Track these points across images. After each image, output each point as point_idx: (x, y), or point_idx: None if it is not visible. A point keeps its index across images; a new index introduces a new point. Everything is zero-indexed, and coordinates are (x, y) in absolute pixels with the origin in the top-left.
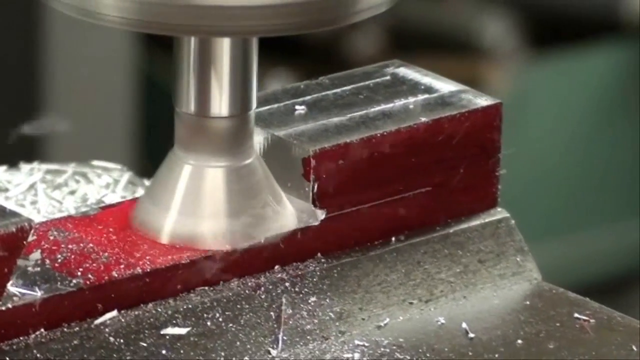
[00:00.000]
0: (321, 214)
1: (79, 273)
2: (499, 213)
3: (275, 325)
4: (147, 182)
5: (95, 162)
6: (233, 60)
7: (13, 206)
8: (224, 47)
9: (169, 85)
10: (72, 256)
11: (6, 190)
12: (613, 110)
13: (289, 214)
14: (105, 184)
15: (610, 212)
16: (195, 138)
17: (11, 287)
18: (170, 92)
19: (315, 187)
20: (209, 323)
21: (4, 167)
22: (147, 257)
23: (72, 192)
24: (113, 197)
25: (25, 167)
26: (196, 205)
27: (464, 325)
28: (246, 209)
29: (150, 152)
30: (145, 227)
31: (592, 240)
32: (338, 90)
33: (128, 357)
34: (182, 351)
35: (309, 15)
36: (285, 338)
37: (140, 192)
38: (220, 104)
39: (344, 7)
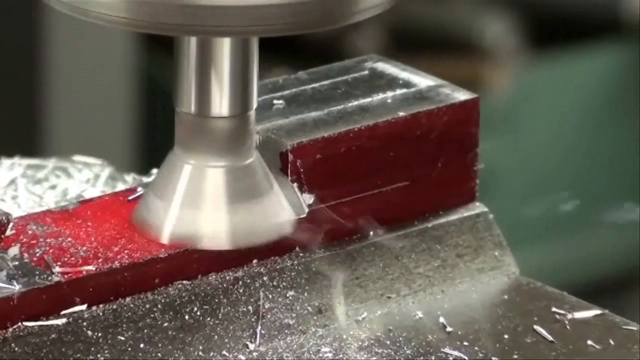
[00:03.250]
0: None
1: (57, 267)
2: (478, 207)
3: (253, 319)
4: (127, 178)
5: (76, 157)
6: (233, 60)
7: None
8: (224, 47)
9: (169, 85)
10: (51, 250)
11: None
12: (613, 110)
13: (289, 214)
14: (86, 179)
15: (611, 212)
16: (195, 138)
17: None
18: (170, 92)
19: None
20: (187, 317)
21: None
22: (125, 252)
23: (53, 187)
24: (93, 192)
25: (6, 162)
26: (196, 205)
27: (442, 319)
28: (246, 209)
29: (150, 152)
30: (145, 227)
31: (592, 240)
32: (316, 85)
33: (106, 351)
34: (160, 345)
35: (309, 15)
36: (263, 332)
37: (120, 187)
38: (221, 104)
39: (344, 7)
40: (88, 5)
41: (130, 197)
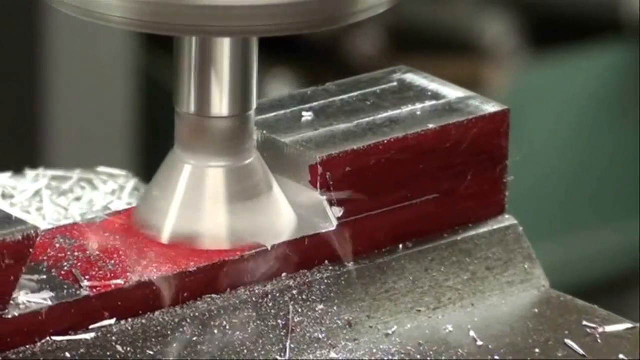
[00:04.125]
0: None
1: (86, 281)
2: (507, 220)
3: (282, 334)
4: None
5: (101, 169)
6: (233, 60)
7: (19, 213)
8: (224, 47)
9: (169, 85)
10: (79, 264)
11: (12, 196)
12: (613, 110)
13: (289, 214)
14: (111, 190)
15: (611, 212)
16: (195, 138)
17: (18, 296)
18: (170, 92)
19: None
20: (216, 331)
21: (9, 174)
22: (154, 265)
23: (78, 199)
24: (119, 204)
25: (30, 173)
26: (196, 205)
27: (472, 333)
28: (246, 209)
29: (150, 152)
30: (145, 227)
31: (592, 240)
32: (345, 96)
33: None
34: (189, 359)
35: (309, 15)
36: (292, 346)
37: None
38: (221, 104)
39: (344, 7)
40: (89, 6)
41: None
